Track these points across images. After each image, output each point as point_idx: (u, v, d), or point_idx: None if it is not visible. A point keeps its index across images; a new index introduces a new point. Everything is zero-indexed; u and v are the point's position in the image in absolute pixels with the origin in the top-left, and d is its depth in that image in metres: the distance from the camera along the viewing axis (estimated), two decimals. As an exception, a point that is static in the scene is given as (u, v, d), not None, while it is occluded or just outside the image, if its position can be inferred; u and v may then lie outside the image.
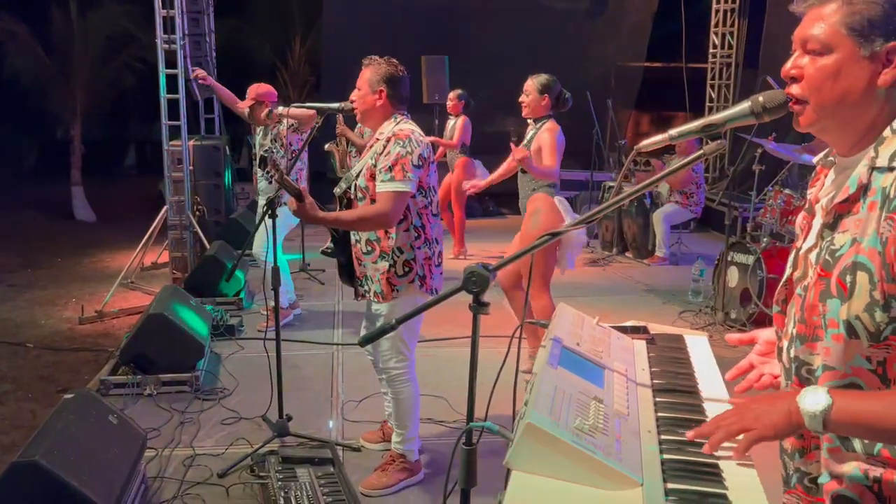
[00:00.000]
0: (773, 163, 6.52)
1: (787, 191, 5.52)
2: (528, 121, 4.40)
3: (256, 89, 5.44)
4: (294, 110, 5.34)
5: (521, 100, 4.35)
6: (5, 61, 12.19)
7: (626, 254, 8.06)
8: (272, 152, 5.13)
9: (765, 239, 5.57)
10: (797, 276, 1.40)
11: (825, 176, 1.43)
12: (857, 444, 1.30)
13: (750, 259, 5.45)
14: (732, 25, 10.51)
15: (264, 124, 5.44)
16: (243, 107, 5.52)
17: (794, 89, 1.32)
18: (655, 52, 11.73)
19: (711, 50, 10.69)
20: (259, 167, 3.37)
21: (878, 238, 1.21)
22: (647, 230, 7.83)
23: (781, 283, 1.46)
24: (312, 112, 5.05)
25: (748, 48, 10.28)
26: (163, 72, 6.67)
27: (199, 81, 6.27)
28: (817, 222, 1.38)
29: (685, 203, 7.64)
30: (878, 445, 1.28)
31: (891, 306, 1.21)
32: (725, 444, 1.36)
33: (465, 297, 1.60)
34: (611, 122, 9.14)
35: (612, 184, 8.38)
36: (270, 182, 5.24)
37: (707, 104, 10.78)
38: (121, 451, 2.92)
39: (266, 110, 5.37)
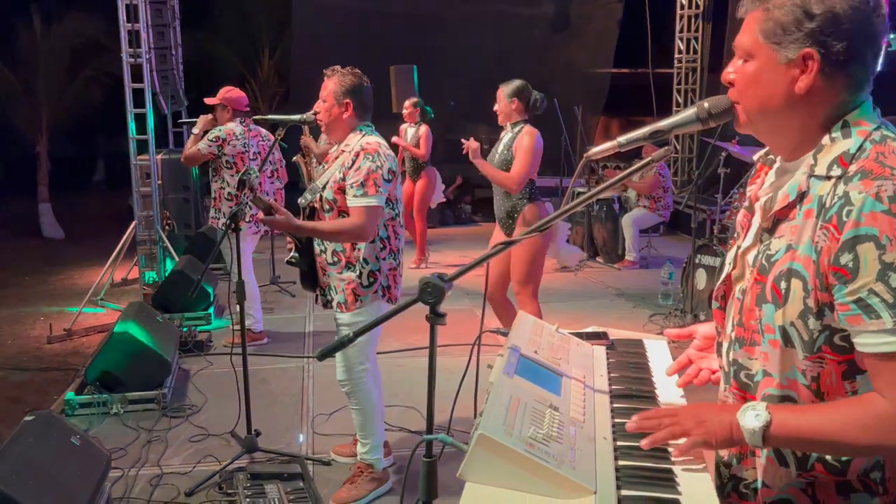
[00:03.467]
0: (739, 165, 6.62)
1: (751, 193, 5.60)
2: (506, 127, 4.41)
3: (226, 92, 5.32)
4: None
5: (494, 108, 4.38)
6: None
7: (597, 258, 8.11)
8: (249, 174, 5.00)
9: (731, 241, 5.64)
10: (735, 274, 1.41)
11: (765, 174, 1.44)
12: (791, 461, 1.31)
13: (717, 261, 5.51)
14: (697, 31, 10.66)
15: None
16: (211, 102, 5.36)
17: (731, 94, 1.35)
18: (622, 58, 11.86)
19: (677, 55, 10.82)
20: (238, 188, 3.38)
21: (813, 247, 1.22)
22: (617, 235, 7.89)
23: (720, 280, 1.47)
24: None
25: (713, 52, 10.42)
26: (129, 86, 6.60)
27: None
28: (756, 221, 1.38)
29: (653, 207, 7.71)
30: (812, 460, 1.29)
31: (824, 314, 1.22)
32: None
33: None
34: (579, 128, 9.21)
35: (581, 189, 8.44)
36: (246, 202, 5.13)
37: (674, 109, 10.90)
38: (83, 472, 2.86)
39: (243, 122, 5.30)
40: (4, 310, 7.04)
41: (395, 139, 7.55)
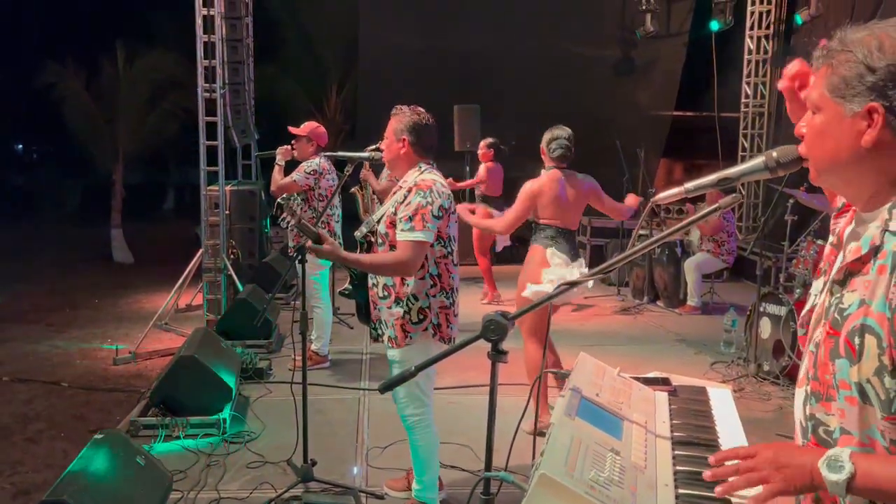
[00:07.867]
0: (806, 213, 6.47)
1: (819, 241, 5.46)
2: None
3: (315, 127, 5.57)
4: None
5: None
6: (53, 107, 12.69)
7: (658, 302, 7.98)
8: (288, 199, 5.27)
9: (798, 290, 5.49)
10: (818, 310, 1.38)
11: (853, 211, 1.40)
12: None
13: (783, 310, 5.37)
14: (765, 75, 10.53)
15: (303, 159, 5.53)
16: (298, 132, 5.54)
17: (801, 148, 1.36)
18: (684, 100, 11.76)
19: (744, 100, 10.67)
20: (276, 210, 3.58)
21: (887, 304, 1.20)
22: (679, 279, 7.76)
23: (806, 308, 1.43)
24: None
25: (780, 98, 10.25)
26: (203, 119, 6.86)
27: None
28: (840, 259, 1.36)
29: (717, 252, 7.57)
30: None
31: None
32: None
33: (488, 344, 1.62)
34: (641, 170, 9.15)
35: (643, 232, 8.35)
36: (287, 228, 5.31)
37: (740, 153, 10.73)
38: (147, 492, 2.95)
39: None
40: (75, 330, 7.32)
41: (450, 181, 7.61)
